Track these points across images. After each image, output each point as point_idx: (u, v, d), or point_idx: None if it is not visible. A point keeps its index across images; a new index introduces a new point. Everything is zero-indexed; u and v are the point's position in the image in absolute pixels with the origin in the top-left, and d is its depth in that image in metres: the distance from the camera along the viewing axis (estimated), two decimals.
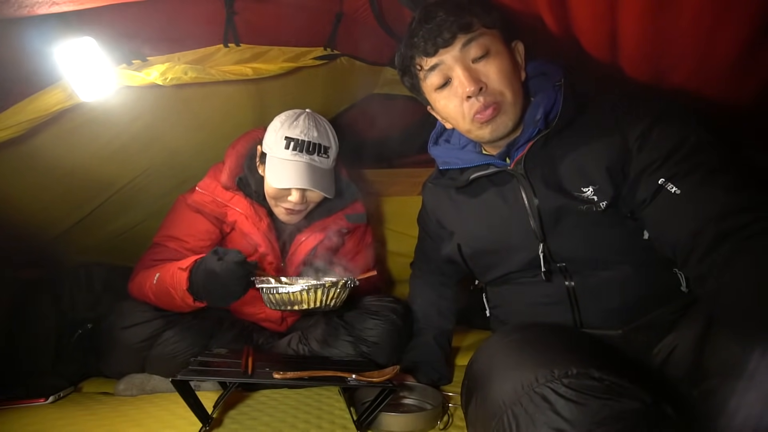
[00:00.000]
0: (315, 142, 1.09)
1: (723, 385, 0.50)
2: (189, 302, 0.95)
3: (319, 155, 1.11)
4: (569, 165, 0.78)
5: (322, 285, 0.87)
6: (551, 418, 0.51)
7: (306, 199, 1.12)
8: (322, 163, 1.11)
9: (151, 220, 1.66)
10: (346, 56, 1.40)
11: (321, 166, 1.12)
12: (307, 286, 0.86)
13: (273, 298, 0.89)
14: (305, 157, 1.09)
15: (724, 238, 0.60)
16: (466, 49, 0.75)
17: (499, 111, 0.77)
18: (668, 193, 0.67)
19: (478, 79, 0.75)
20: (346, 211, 1.26)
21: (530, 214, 0.81)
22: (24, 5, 0.70)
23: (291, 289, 0.86)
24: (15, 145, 0.93)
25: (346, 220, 1.26)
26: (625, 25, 0.66)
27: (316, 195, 1.12)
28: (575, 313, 0.80)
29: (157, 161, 1.36)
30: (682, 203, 0.66)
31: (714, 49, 0.63)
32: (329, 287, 0.87)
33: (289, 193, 1.10)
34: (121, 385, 1.05)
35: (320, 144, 1.10)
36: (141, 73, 0.94)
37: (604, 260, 0.78)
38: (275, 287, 0.88)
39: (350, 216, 1.27)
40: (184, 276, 0.93)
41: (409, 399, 0.98)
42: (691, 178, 0.66)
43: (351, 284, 0.91)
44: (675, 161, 0.68)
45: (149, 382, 1.05)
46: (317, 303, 0.87)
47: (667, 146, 0.69)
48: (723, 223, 0.61)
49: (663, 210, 0.69)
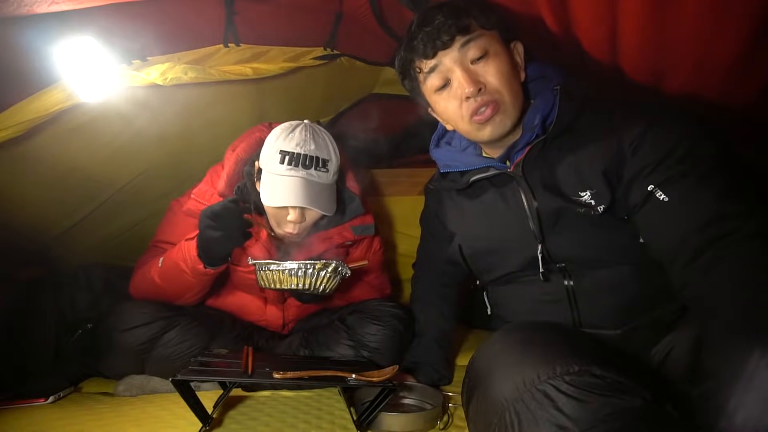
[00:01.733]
0: (312, 155, 1.01)
1: (722, 386, 0.50)
2: (200, 269, 0.97)
3: (317, 169, 1.01)
4: (567, 169, 0.79)
5: (313, 266, 0.89)
6: (553, 415, 0.51)
7: (305, 217, 1.04)
8: (320, 177, 1.02)
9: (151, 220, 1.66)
10: (346, 56, 1.40)
11: (319, 181, 1.02)
12: (297, 264, 0.89)
13: (265, 275, 0.92)
14: (301, 172, 0.99)
15: (708, 246, 0.61)
16: (465, 50, 0.76)
17: (498, 110, 0.78)
18: (657, 200, 0.68)
19: (477, 79, 0.76)
20: (353, 222, 1.19)
21: (529, 215, 0.81)
22: (23, 4, 0.70)
23: (282, 267, 0.89)
24: (15, 145, 0.93)
25: (351, 232, 1.18)
26: (625, 25, 0.66)
27: (315, 213, 1.04)
28: (574, 311, 0.81)
29: (157, 161, 1.36)
30: (670, 211, 0.67)
31: (714, 49, 0.63)
32: (319, 269, 0.89)
33: (287, 211, 1.02)
34: (120, 386, 1.04)
35: (318, 157, 1.02)
36: (141, 73, 0.94)
37: (603, 260, 0.79)
38: (267, 263, 0.91)
39: (356, 228, 1.19)
40: (193, 243, 0.97)
41: (409, 399, 0.97)
42: (680, 185, 0.67)
43: (343, 271, 0.93)
44: (666, 167, 0.69)
45: (149, 383, 1.05)
46: (306, 284, 0.90)
47: (660, 152, 0.70)
48: (708, 230, 0.62)
49: (652, 216, 0.70)
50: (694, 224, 0.64)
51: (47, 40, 0.82)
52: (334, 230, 1.17)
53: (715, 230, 0.61)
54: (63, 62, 0.84)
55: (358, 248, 1.25)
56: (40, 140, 0.98)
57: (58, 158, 1.07)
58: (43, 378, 1.08)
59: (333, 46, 1.31)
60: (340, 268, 0.93)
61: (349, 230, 1.18)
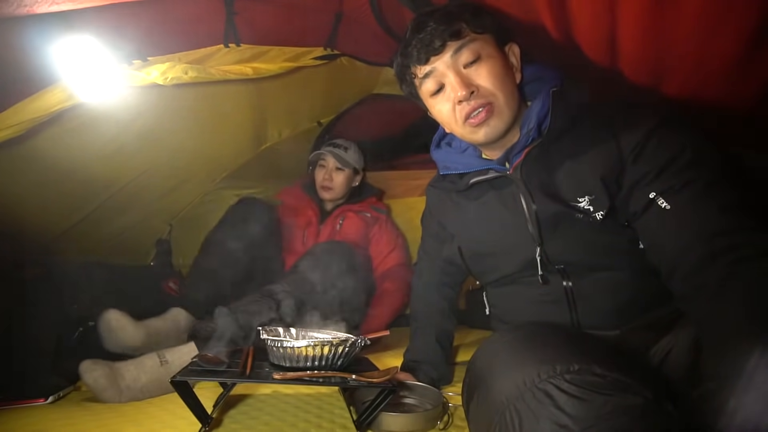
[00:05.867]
0: (339, 143, 1.76)
1: (721, 386, 0.50)
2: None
3: (339, 148, 1.74)
4: (566, 174, 0.79)
5: (330, 342, 0.81)
6: (554, 413, 0.51)
7: (332, 177, 1.71)
8: (341, 153, 1.73)
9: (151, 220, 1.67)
10: (346, 56, 1.40)
11: (340, 154, 1.72)
12: (313, 342, 0.81)
13: (277, 352, 0.84)
14: (329, 149, 1.73)
15: (712, 260, 0.60)
16: (457, 55, 0.77)
17: (492, 113, 0.78)
18: (659, 208, 0.68)
19: (470, 83, 0.77)
20: (371, 203, 1.79)
21: (528, 218, 0.81)
22: (24, 4, 0.70)
23: (296, 344, 0.81)
24: (15, 145, 0.93)
25: (370, 209, 1.76)
26: (625, 26, 0.66)
27: (340, 177, 1.72)
28: (573, 312, 0.81)
29: (157, 161, 1.37)
30: (671, 219, 0.67)
31: (714, 49, 0.63)
32: (337, 345, 0.82)
33: (325, 175, 1.72)
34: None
35: (342, 144, 1.76)
36: (141, 73, 0.94)
37: (602, 264, 0.79)
38: (280, 340, 0.83)
39: (374, 206, 1.78)
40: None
41: (409, 399, 0.97)
42: (682, 194, 0.66)
43: (362, 343, 0.86)
44: (668, 175, 0.68)
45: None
46: (323, 361, 0.81)
47: (661, 159, 0.69)
48: (711, 243, 0.61)
49: (653, 224, 0.70)
50: (697, 235, 0.63)
51: (47, 40, 0.82)
52: (356, 205, 1.76)
53: (720, 244, 0.60)
54: (63, 62, 0.84)
55: (381, 233, 1.74)
56: (40, 140, 0.98)
57: (58, 158, 1.07)
58: (43, 378, 1.07)
59: (333, 46, 1.31)
60: (359, 341, 0.85)
61: (369, 207, 1.76)
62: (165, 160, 1.39)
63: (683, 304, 0.66)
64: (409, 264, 1.73)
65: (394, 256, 1.72)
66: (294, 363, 0.83)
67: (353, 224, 1.69)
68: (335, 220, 1.70)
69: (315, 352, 0.81)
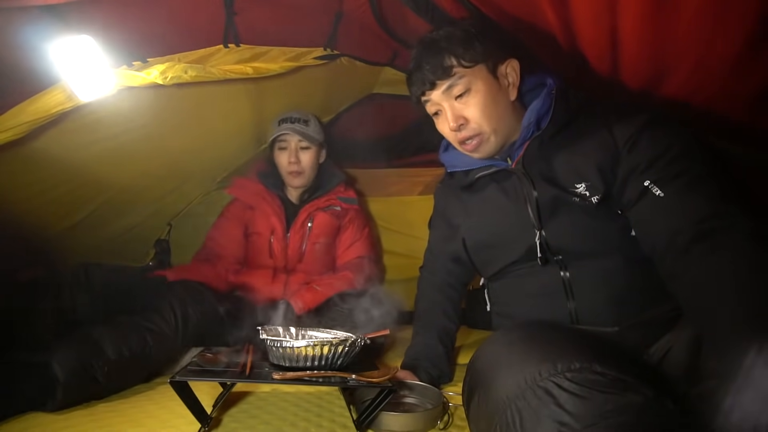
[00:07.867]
0: (296, 116, 1.52)
1: (719, 384, 0.50)
2: None
3: (300, 124, 1.50)
4: (564, 163, 0.85)
5: (329, 342, 0.82)
6: (555, 411, 0.51)
7: (299, 158, 1.51)
8: (302, 127, 1.50)
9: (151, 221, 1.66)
10: (346, 56, 1.40)
11: (302, 129, 1.50)
12: (312, 341, 0.82)
13: (277, 352, 0.84)
14: (289, 125, 1.49)
15: (700, 240, 0.65)
16: (449, 90, 0.87)
17: (481, 142, 0.88)
18: (653, 195, 0.73)
19: (460, 115, 0.87)
20: (338, 193, 1.60)
21: (528, 204, 0.86)
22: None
23: (296, 344, 0.81)
24: (15, 146, 0.92)
25: (338, 200, 1.59)
26: (625, 25, 0.66)
27: (307, 156, 1.52)
28: (570, 303, 0.83)
29: (157, 161, 1.36)
30: (664, 205, 0.72)
31: (714, 49, 0.63)
32: (337, 344, 0.82)
33: (290, 158, 1.51)
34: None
35: (300, 117, 1.52)
36: (141, 73, 0.94)
37: (598, 251, 0.82)
38: (279, 340, 0.83)
39: (342, 198, 1.60)
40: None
41: (409, 398, 0.97)
42: (675, 183, 0.71)
43: (361, 342, 0.86)
44: (661, 165, 0.74)
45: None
46: (323, 360, 0.82)
47: (654, 151, 0.75)
48: (701, 225, 0.65)
49: (646, 210, 0.74)
50: (687, 219, 0.67)
51: (47, 40, 0.82)
52: (323, 198, 1.58)
53: (709, 225, 0.65)
54: (63, 63, 0.84)
55: (349, 225, 1.61)
56: (41, 140, 0.98)
57: (58, 159, 1.07)
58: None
59: (333, 46, 1.31)
60: (359, 341, 0.86)
61: (336, 199, 1.59)
62: (165, 161, 1.38)
63: (672, 283, 0.69)
64: (372, 257, 1.64)
65: (355, 248, 1.60)
66: (294, 363, 0.83)
67: (323, 223, 1.56)
68: (304, 223, 1.54)
69: (315, 351, 0.81)
